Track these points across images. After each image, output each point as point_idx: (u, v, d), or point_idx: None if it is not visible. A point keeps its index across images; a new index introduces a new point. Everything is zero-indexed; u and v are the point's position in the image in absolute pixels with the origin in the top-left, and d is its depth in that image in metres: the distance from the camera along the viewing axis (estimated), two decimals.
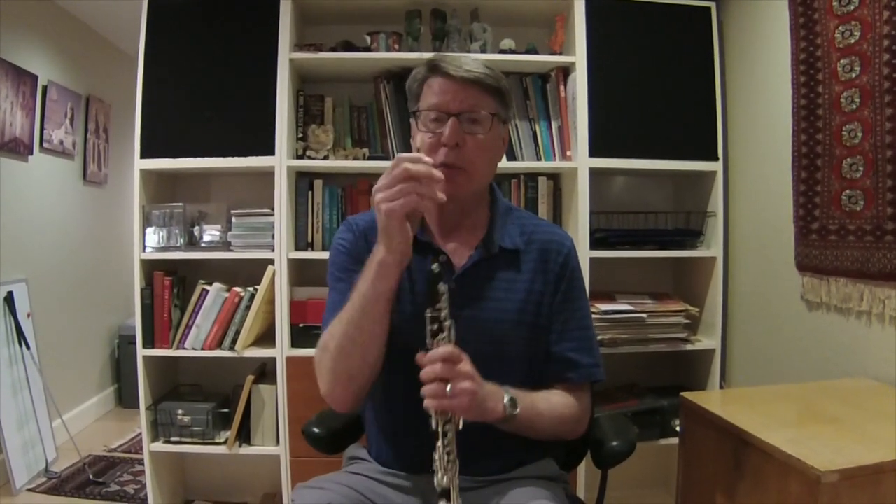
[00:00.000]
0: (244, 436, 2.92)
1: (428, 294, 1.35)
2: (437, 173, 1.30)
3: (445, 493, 1.31)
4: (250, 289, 2.87)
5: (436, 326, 1.34)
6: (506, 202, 1.70)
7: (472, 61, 1.51)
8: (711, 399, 2.18)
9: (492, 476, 1.54)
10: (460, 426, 1.34)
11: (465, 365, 1.33)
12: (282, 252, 2.83)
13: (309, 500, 1.44)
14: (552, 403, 1.54)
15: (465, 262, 1.54)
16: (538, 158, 2.95)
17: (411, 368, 1.49)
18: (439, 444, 1.32)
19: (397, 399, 1.54)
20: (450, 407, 1.30)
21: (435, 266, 1.35)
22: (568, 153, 2.94)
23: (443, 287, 1.34)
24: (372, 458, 1.65)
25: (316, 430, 1.76)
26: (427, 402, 1.30)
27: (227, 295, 2.86)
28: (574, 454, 1.82)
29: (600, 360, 1.65)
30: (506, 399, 1.41)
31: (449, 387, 1.29)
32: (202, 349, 2.87)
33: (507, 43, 2.95)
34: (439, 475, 1.32)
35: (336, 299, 1.55)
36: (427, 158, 1.31)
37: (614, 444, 1.68)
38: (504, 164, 2.81)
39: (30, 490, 3.49)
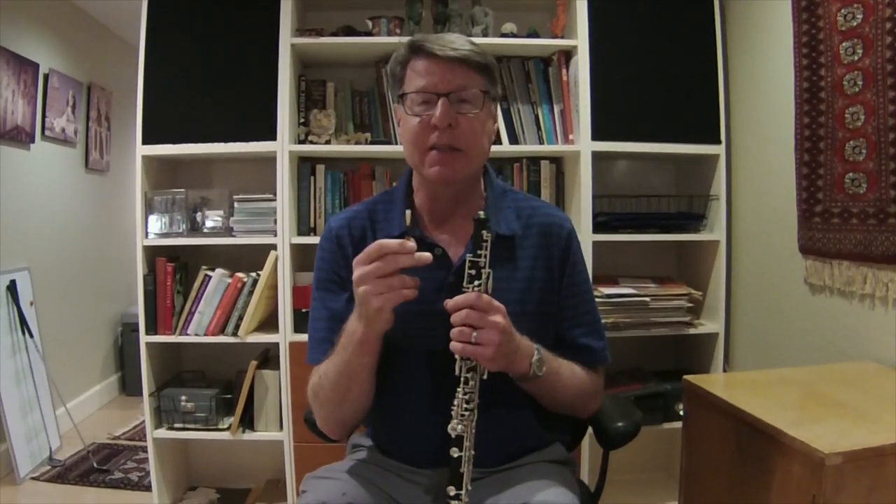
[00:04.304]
0: (247, 422, 2.93)
1: (473, 239, 1.34)
2: (427, 256, 1.26)
3: (458, 441, 1.32)
4: (253, 274, 2.87)
5: (473, 272, 1.32)
6: (500, 184, 1.65)
7: (455, 38, 1.45)
8: (715, 383, 2.18)
9: (502, 466, 1.52)
10: (485, 376, 1.34)
11: (497, 317, 1.30)
12: (284, 237, 2.83)
13: (323, 492, 1.41)
14: (576, 374, 1.54)
15: (462, 254, 1.48)
16: (540, 142, 2.94)
17: (415, 367, 1.49)
18: (459, 389, 1.32)
19: (403, 397, 1.52)
20: (472, 353, 1.30)
21: (481, 213, 1.34)
22: (570, 137, 2.92)
23: (487, 234, 1.32)
24: (375, 446, 1.63)
25: None
26: (452, 345, 1.30)
27: (229, 280, 2.86)
28: (575, 434, 1.81)
29: (607, 342, 1.65)
30: (534, 358, 1.41)
31: (475, 334, 1.28)
32: (205, 335, 2.87)
33: (509, 27, 2.94)
34: (454, 422, 1.32)
35: (316, 317, 1.58)
36: (411, 244, 1.25)
37: (619, 424, 1.68)
38: (506, 147, 2.84)
39: (34, 479, 3.51)
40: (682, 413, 2.20)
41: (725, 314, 3.00)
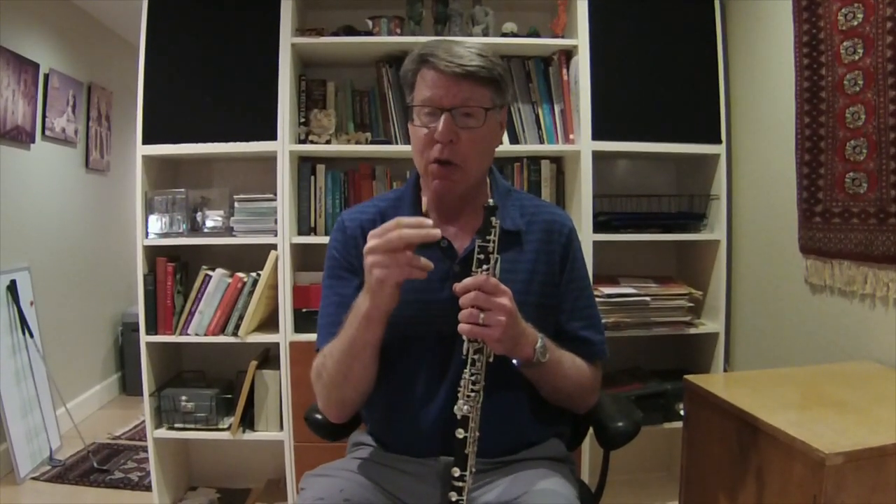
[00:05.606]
0: (248, 422, 2.93)
1: (482, 226, 1.36)
2: (436, 232, 1.28)
3: (464, 421, 1.34)
4: (253, 274, 2.86)
5: (482, 256, 1.35)
6: (505, 184, 1.70)
7: (465, 51, 1.46)
8: (715, 382, 2.17)
9: (501, 457, 1.54)
10: (491, 358, 1.36)
11: (504, 299, 1.34)
12: (284, 237, 2.82)
13: (320, 489, 1.43)
14: (576, 365, 1.57)
15: (468, 245, 1.52)
16: (541, 142, 2.94)
17: (419, 355, 1.52)
18: (466, 370, 1.35)
19: (404, 385, 1.54)
20: (480, 334, 1.33)
21: (491, 200, 1.37)
22: (571, 136, 2.92)
23: (495, 221, 1.35)
24: (376, 442, 1.64)
25: (318, 416, 1.74)
26: (460, 327, 1.33)
27: (229, 280, 2.86)
28: (576, 433, 1.82)
29: (605, 337, 1.68)
30: (538, 345, 1.44)
31: (482, 315, 1.31)
32: (205, 335, 2.87)
33: (509, 26, 2.94)
34: (460, 402, 1.34)
35: (327, 304, 1.61)
36: (428, 221, 1.28)
37: (619, 424, 1.68)
38: (507, 147, 2.83)
39: (34, 479, 3.51)
40: (682, 413, 2.20)
41: (726, 314, 3.00)
